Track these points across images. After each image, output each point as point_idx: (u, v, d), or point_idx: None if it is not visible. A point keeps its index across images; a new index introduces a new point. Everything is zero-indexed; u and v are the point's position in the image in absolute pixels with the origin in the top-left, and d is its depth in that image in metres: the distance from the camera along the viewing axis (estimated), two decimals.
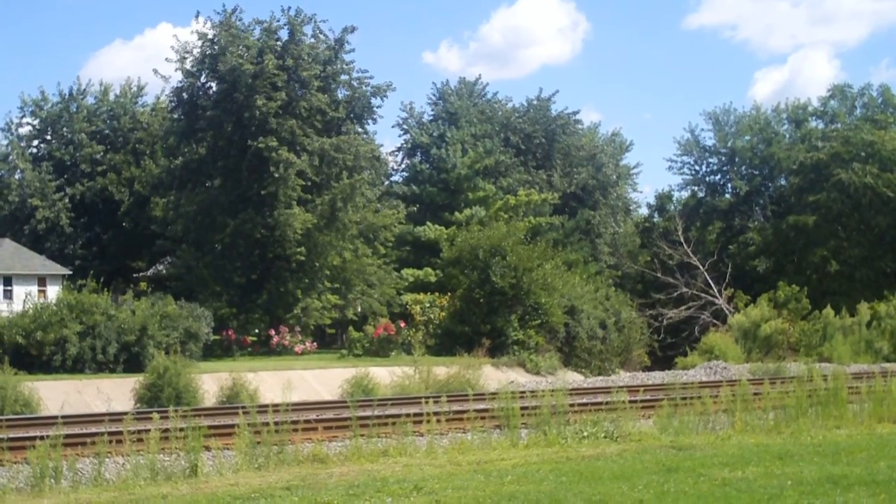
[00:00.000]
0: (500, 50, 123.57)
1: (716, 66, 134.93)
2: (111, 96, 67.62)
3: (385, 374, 38.47)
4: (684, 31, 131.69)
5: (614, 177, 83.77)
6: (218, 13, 52.97)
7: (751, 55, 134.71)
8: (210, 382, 34.97)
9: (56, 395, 32.92)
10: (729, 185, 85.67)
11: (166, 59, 54.08)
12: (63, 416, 24.33)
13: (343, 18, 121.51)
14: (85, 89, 67.40)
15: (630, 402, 24.67)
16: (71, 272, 53.76)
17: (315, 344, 51.11)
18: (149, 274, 65.18)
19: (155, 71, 55.94)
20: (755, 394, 26.29)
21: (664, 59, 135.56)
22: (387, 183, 69.71)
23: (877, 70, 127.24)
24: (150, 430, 18.69)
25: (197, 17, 58.03)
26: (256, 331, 52.41)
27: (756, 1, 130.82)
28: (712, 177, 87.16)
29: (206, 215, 52.72)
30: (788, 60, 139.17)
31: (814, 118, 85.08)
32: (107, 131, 66.09)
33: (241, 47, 52.15)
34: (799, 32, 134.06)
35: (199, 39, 52.66)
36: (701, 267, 71.22)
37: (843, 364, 45.73)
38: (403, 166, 75.06)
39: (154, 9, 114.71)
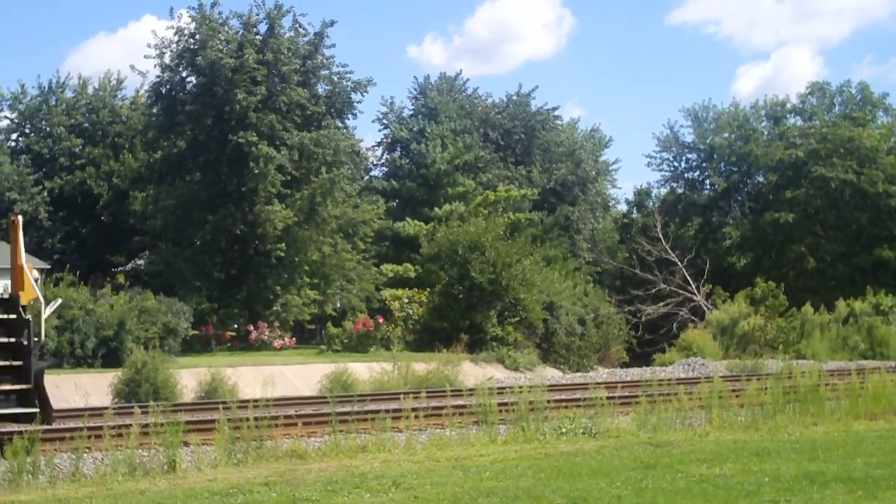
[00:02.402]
0: (484, 44, 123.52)
1: (699, 62, 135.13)
2: (90, 90, 67.38)
3: (364, 370, 38.48)
4: (668, 26, 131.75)
5: (593, 173, 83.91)
6: (193, 8, 52.82)
7: (734, 51, 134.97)
8: (188, 378, 34.91)
9: None
10: (707, 181, 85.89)
11: (145, 56, 53.82)
12: None
13: (328, 11, 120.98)
14: (64, 82, 67.14)
15: (608, 398, 24.73)
16: (49, 266, 53.54)
17: (294, 339, 51.08)
18: (128, 268, 65.02)
19: (132, 67, 55.91)
20: (733, 390, 26.40)
21: (649, 55, 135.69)
22: (366, 178, 69.70)
23: (859, 67, 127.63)
24: (129, 425, 18.64)
25: (171, 12, 57.10)
26: (235, 326, 52.34)
27: None
28: (691, 173, 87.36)
29: (185, 210, 52.62)
30: (772, 57, 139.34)
31: (792, 115, 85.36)
32: (86, 125, 65.81)
33: (220, 41, 52.05)
34: (782, 28, 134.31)
35: (175, 35, 52.53)
36: (679, 263, 71.37)
37: (820, 361, 45.93)
38: (383, 161, 75.09)
39: (138, 1, 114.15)
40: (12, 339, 18.63)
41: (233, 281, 52.25)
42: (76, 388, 33.77)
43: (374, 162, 74.74)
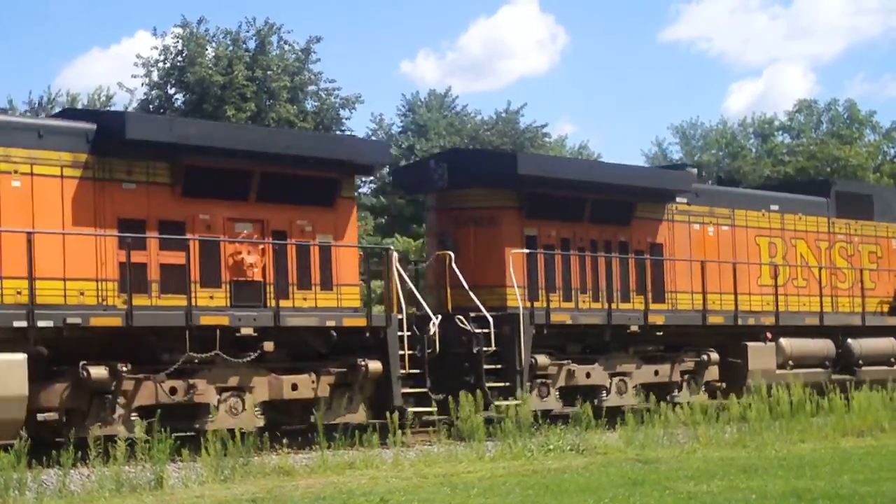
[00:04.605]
0: (477, 61, 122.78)
1: (691, 79, 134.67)
2: (78, 106, 67.19)
3: None
4: (661, 43, 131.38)
5: None
6: (178, 26, 52.68)
7: (726, 68, 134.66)
8: None
9: None
10: None
11: (132, 75, 53.52)
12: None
13: (321, 27, 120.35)
14: (54, 99, 66.97)
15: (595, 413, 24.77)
16: None
17: None
18: None
19: (120, 84, 55.62)
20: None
21: (641, 72, 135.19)
22: (355, 194, 69.40)
23: (852, 84, 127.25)
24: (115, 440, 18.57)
25: (156, 31, 56.16)
26: None
27: (733, 13, 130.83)
28: None
29: None
30: (764, 74, 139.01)
31: (780, 133, 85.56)
32: None
33: (209, 58, 52.04)
34: (775, 46, 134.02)
35: (160, 54, 52.46)
36: None
37: None
38: (371, 178, 74.85)
39: (131, 17, 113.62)
40: None
41: None
42: None
43: (363, 179, 74.44)
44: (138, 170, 21.20)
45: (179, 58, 52.24)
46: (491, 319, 24.92)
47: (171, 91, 53.61)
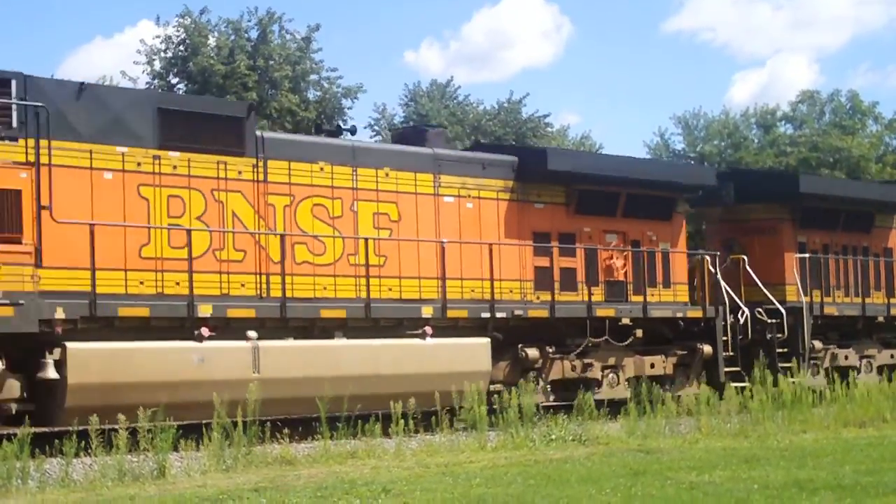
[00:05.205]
0: (481, 51, 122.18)
1: (695, 69, 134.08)
2: None
3: None
4: (664, 34, 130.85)
5: None
6: (179, 16, 52.57)
7: (730, 58, 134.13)
8: None
9: None
10: None
11: (134, 62, 53.52)
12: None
13: (324, 16, 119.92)
14: None
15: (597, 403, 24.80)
16: None
17: None
18: None
19: (123, 73, 55.61)
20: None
21: (645, 62, 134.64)
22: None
23: (855, 75, 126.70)
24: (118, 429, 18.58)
25: (158, 20, 56.04)
26: None
27: (736, 4, 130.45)
28: None
29: None
30: (767, 64, 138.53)
31: (783, 123, 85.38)
32: None
33: (211, 47, 51.99)
34: (779, 36, 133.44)
35: (162, 43, 52.39)
36: None
37: None
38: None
39: (134, 6, 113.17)
40: None
41: None
42: None
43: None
44: (545, 193, 26.85)
45: (182, 47, 52.21)
46: (784, 312, 30.17)
47: (174, 80, 53.56)
